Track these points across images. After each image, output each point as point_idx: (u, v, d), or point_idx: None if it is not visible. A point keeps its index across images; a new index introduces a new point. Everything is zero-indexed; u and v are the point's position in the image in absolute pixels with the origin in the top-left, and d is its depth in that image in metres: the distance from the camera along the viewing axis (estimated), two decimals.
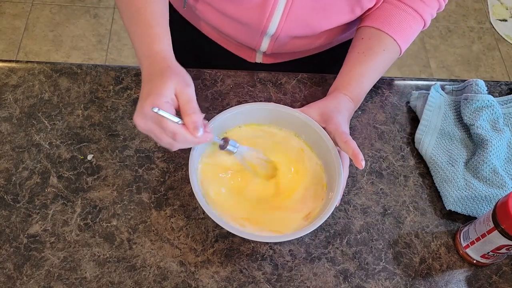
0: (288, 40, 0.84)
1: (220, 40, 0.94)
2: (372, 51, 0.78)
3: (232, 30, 0.85)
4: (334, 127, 0.69)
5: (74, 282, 0.65)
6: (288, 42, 0.85)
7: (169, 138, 0.60)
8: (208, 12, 0.84)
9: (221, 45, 0.94)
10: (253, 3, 0.77)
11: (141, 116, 0.61)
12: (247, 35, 0.85)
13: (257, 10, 0.78)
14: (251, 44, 0.88)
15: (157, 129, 0.60)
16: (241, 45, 0.91)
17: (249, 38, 0.86)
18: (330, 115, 0.71)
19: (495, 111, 0.80)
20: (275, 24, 0.80)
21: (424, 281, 0.69)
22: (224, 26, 0.85)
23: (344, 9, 0.79)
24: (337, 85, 0.78)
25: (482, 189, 0.74)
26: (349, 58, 0.80)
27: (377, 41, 0.79)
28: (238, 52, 0.94)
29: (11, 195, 0.71)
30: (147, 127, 0.61)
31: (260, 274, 0.68)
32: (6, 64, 0.83)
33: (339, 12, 0.80)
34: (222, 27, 0.85)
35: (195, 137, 0.60)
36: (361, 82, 0.78)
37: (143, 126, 0.61)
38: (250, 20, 0.80)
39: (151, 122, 0.60)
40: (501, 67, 2.25)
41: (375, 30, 0.80)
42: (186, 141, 0.60)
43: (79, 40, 2.11)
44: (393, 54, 0.81)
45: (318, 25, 0.81)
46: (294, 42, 0.86)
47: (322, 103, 0.74)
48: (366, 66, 0.78)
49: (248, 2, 0.77)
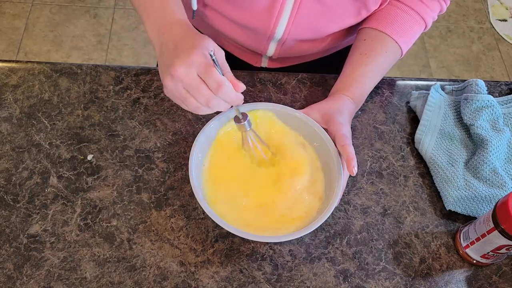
0: (294, 44, 0.84)
1: (226, 45, 0.94)
2: (374, 53, 0.78)
3: (239, 36, 0.85)
4: (335, 129, 0.69)
5: (74, 282, 0.65)
6: (294, 46, 0.85)
7: (207, 92, 0.59)
8: (216, 18, 0.84)
9: (227, 50, 0.94)
10: (260, 8, 0.77)
11: (186, 65, 0.59)
12: (254, 40, 0.85)
13: (264, 15, 0.78)
14: (258, 49, 0.88)
15: (197, 81, 0.59)
16: (247, 50, 0.91)
17: (256, 43, 0.86)
18: (331, 117, 0.71)
19: (495, 111, 0.80)
20: (282, 29, 0.80)
21: (424, 281, 0.69)
22: (231, 31, 0.85)
23: (350, 12, 0.79)
24: (339, 86, 0.78)
25: (482, 189, 0.74)
26: (351, 60, 0.80)
27: (379, 43, 0.79)
28: (244, 57, 0.94)
29: (11, 195, 0.71)
30: (189, 79, 0.59)
31: (260, 274, 0.68)
32: (6, 64, 0.83)
33: (345, 15, 0.80)
34: (229, 32, 0.85)
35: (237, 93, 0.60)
36: (363, 83, 0.78)
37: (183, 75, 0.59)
38: (257, 25, 0.80)
39: (195, 72, 0.59)
40: (501, 67, 2.25)
41: (377, 32, 0.80)
42: (228, 95, 0.60)
43: (79, 40, 2.11)
44: (394, 55, 0.81)
45: (324, 28, 0.81)
46: (300, 46, 0.86)
47: (324, 104, 0.74)
48: (368, 67, 0.78)
49: (255, 7, 0.77)
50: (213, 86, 0.59)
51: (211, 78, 0.59)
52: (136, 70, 0.84)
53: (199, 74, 0.59)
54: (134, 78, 0.83)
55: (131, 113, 0.80)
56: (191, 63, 0.59)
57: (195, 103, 0.61)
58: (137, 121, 0.79)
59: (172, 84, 0.60)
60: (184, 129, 0.79)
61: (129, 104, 0.81)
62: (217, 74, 0.58)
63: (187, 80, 0.59)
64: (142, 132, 0.78)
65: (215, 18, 0.84)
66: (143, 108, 0.80)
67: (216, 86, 0.59)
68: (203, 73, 0.59)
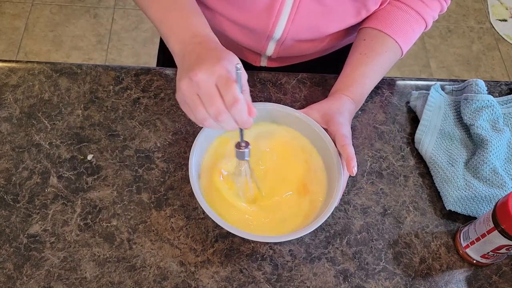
0: (294, 43, 0.84)
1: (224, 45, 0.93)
2: (374, 53, 0.78)
3: (238, 35, 0.85)
4: (335, 129, 0.69)
5: (74, 282, 0.65)
6: (293, 45, 0.85)
7: (220, 105, 0.58)
8: (215, 18, 0.84)
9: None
10: (259, 8, 0.77)
11: (208, 72, 0.58)
12: (253, 40, 0.85)
13: (263, 15, 0.78)
14: (257, 49, 0.88)
15: (214, 91, 0.58)
16: (246, 49, 0.91)
17: (255, 42, 0.86)
18: (331, 117, 0.71)
19: (495, 111, 0.80)
20: (281, 28, 0.80)
21: (424, 281, 0.69)
22: (230, 31, 0.85)
23: (350, 12, 0.79)
24: (339, 86, 0.78)
25: (482, 189, 0.74)
26: (351, 59, 0.80)
27: (379, 43, 0.79)
28: (243, 56, 0.94)
29: (11, 195, 0.71)
30: (207, 86, 0.58)
31: (260, 274, 0.68)
32: (6, 64, 0.83)
33: (345, 15, 0.80)
34: (228, 32, 0.85)
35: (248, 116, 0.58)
36: (363, 83, 0.78)
37: (201, 81, 0.58)
38: (256, 25, 0.80)
39: (214, 82, 0.58)
40: (501, 67, 2.25)
41: (377, 32, 0.80)
42: (240, 115, 0.58)
43: (79, 40, 2.11)
44: (394, 55, 0.81)
45: (323, 28, 0.81)
46: (300, 46, 0.86)
47: (324, 104, 0.74)
48: (368, 67, 0.78)
49: (254, 7, 0.77)
50: (229, 101, 0.57)
51: (230, 92, 0.57)
52: (136, 70, 0.84)
53: (218, 86, 0.58)
54: (134, 78, 0.83)
55: (131, 113, 0.80)
56: (213, 72, 0.58)
57: (204, 113, 0.59)
58: (137, 121, 0.79)
59: (187, 88, 0.59)
60: (184, 129, 0.79)
61: (129, 104, 0.81)
62: (237, 90, 0.57)
63: (205, 87, 0.58)
64: (142, 132, 0.78)
65: (214, 17, 0.84)
66: (143, 108, 0.80)
67: (232, 101, 0.57)
68: (222, 85, 0.57)
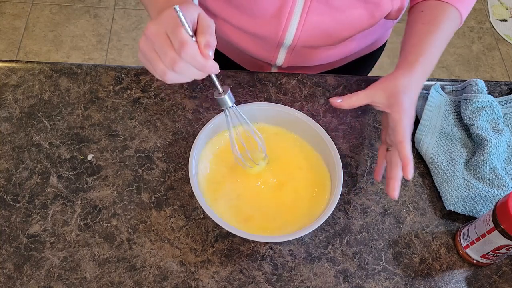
0: (305, 51, 0.83)
1: (235, 57, 0.93)
2: (437, 20, 0.74)
3: (248, 44, 0.84)
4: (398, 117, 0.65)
5: (74, 282, 0.65)
6: (304, 53, 0.84)
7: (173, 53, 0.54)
8: (225, 28, 0.83)
9: (235, 62, 0.93)
10: (269, 14, 0.76)
11: (156, 23, 0.56)
12: (264, 48, 0.84)
13: (273, 21, 0.77)
14: (267, 58, 0.87)
15: (164, 40, 0.55)
16: (256, 60, 0.90)
17: (266, 51, 0.85)
18: (396, 99, 0.66)
19: (495, 111, 0.80)
20: (291, 34, 0.79)
21: (424, 281, 0.69)
22: (240, 41, 0.84)
23: (362, 14, 0.77)
24: (407, 58, 0.71)
25: (482, 189, 0.74)
26: (414, 30, 0.75)
27: (439, 10, 0.75)
28: (253, 67, 0.93)
29: (11, 195, 0.71)
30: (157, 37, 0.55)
31: (260, 274, 0.68)
32: (6, 64, 0.83)
33: (357, 18, 0.78)
34: (237, 42, 0.84)
35: (203, 57, 0.55)
36: (432, 52, 0.72)
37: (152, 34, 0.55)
38: (266, 32, 0.79)
39: (163, 30, 0.55)
40: (501, 67, 2.25)
41: (434, 1, 0.76)
42: (193, 58, 0.55)
43: (79, 40, 2.12)
44: (455, 22, 0.77)
45: (335, 33, 0.79)
46: (310, 53, 0.84)
47: (391, 82, 0.68)
48: (435, 36, 0.73)
49: (264, 13, 0.76)
50: (176, 46, 0.54)
51: (175, 37, 0.54)
52: (136, 70, 0.84)
53: (168, 33, 0.55)
54: (134, 78, 0.83)
55: (131, 113, 0.80)
56: (161, 22, 0.55)
57: (162, 66, 0.56)
58: (137, 121, 0.79)
59: (144, 45, 0.57)
60: (184, 129, 0.79)
61: (129, 104, 0.81)
62: (182, 33, 0.53)
63: (156, 39, 0.55)
64: (142, 132, 0.78)
65: (223, 27, 0.83)
66: (143, 108, 0.80)
67: (178, 45, 0.53)
68: (170, 32, 0.55)
